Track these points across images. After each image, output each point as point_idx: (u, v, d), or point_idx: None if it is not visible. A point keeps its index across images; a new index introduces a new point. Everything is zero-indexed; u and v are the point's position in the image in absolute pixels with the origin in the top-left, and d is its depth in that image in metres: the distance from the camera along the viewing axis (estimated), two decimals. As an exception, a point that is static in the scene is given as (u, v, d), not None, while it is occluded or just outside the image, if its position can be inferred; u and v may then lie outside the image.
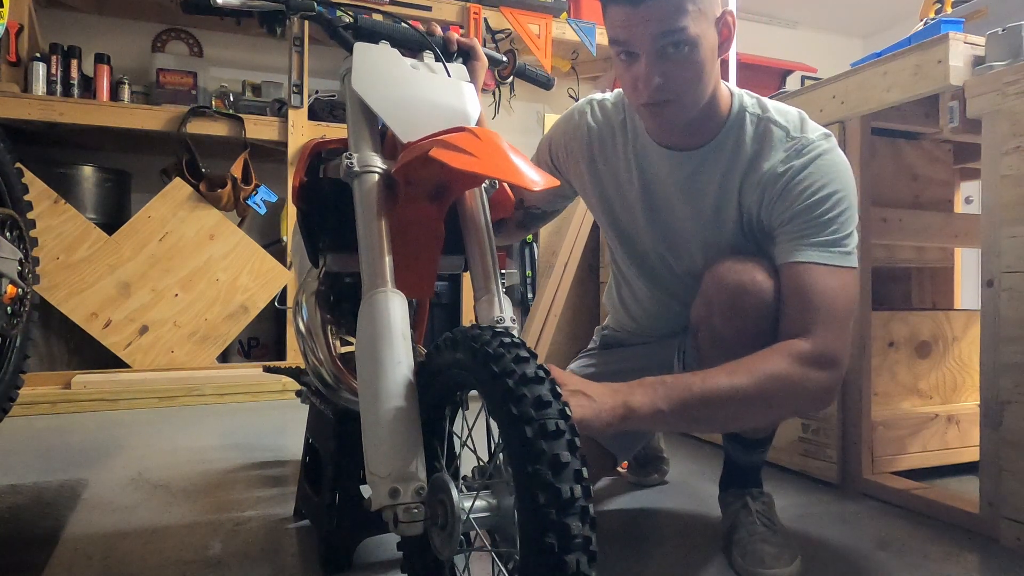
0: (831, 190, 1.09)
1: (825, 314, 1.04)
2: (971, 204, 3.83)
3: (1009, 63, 1.36)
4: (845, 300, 1.07)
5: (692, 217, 1.21)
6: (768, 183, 1.13)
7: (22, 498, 1.57)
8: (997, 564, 1.24)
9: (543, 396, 0.69)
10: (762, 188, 1.13)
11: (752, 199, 1.15)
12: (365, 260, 0.90)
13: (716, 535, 1.34)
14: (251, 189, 3.12)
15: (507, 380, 0.70)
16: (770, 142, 1.14)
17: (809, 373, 1.01)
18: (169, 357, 2.93)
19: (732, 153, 1.16)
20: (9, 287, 1.84)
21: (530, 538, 0.65)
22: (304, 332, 1.10)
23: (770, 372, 0.99)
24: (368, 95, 0.97)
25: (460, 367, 0.79)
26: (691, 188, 1.19)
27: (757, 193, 1.14)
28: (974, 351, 1.88)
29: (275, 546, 1.30)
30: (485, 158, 0.82)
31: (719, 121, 1.16)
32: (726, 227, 1.19)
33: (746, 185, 1.15)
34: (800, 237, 1.09)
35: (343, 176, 0.94)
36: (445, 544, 0.78)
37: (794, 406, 1.08)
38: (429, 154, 0.84)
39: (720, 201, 1.18)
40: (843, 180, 1.11)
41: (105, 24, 3.52)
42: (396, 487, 0.76)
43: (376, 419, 0.80)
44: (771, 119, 1.15)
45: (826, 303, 1.05)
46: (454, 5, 3.49)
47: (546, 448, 0.66)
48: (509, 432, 0.68)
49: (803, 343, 1.02)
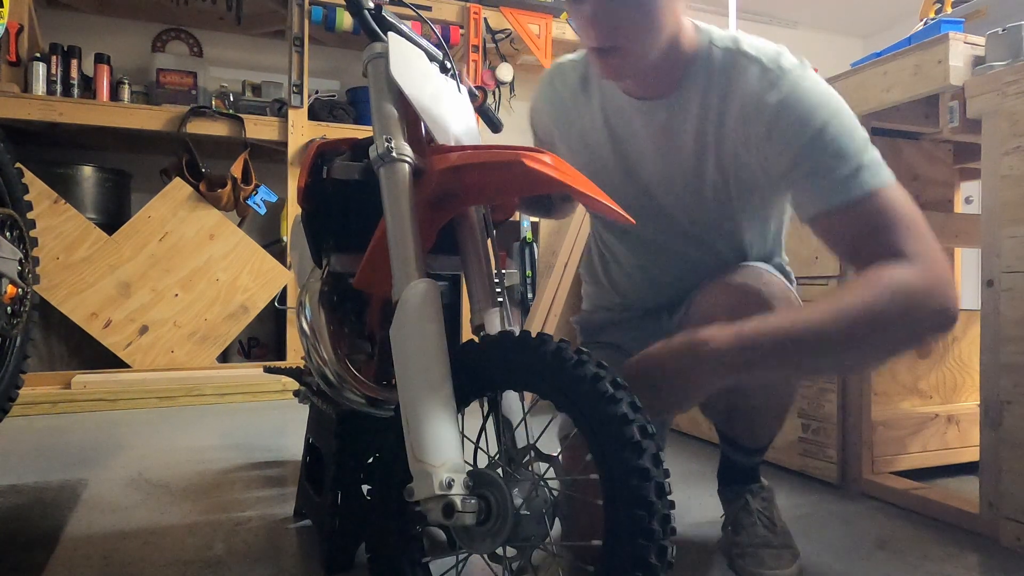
0: (825, 115, 0.97)
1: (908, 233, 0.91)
2: (971, 204, 3.84)
3: (1009, 63, 1.36)
4: (914, 214, 0.93)
5: (669, 171, 1.12)
6: (750, 122, 1.02)
7: (22, 498, 1.57)
8: (997, 564, 1.24)
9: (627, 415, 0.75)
10: (744, 128, 1.03)
11: (735, 142, 1.05)
12: (396, 250, 0.87)
13: (715, 532, 1.34)
14: (251, 189, 3.12)
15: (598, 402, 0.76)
16: (744, 77, 1.02)
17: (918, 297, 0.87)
18: (169, 357, 2.93)
19: (704, 95, 1.05)
20: (9, 287, 1.84)
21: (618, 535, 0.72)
22: (307, 332, 1.10)
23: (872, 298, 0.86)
24: (407, 86, 0.94)
25: (520, 371, 0.82)
26: (666, 139, 1.10)
27: (740, 134, 1.04)
28: (974, 351, 1.89)
29: (275, 546, 1.30)
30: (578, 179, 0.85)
31: (686, 61, 1.05)
32: (705, 179, 1.10)
33: (725, 129, 1.05)
34: (816, 178, 0.96)
35: (372, 160, 0.91)
36: (485, 538, 0.78)
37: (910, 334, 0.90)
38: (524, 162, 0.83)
39: (699, 150, 1.08)
40: (833, 102, 0.99)
41: (105, 24, 3.53)
42: (451, 476, 0.76)
43: (423, 408, 0.79)
44: (743, 52, 1.03)
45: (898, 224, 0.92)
46: (454, 5, 3.49)
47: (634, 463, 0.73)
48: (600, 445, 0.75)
49: (904, 268, 0.88)
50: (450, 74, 1.09)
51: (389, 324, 0.84)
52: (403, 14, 1.17)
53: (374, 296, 1.14)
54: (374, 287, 1.02)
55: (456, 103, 1.04)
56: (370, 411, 1.08)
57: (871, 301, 0.86)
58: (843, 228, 0.96)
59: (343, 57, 3.94)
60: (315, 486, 1.32)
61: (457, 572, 0.91)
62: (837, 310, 0.87)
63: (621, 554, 0.71)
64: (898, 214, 0.92)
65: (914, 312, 0.87)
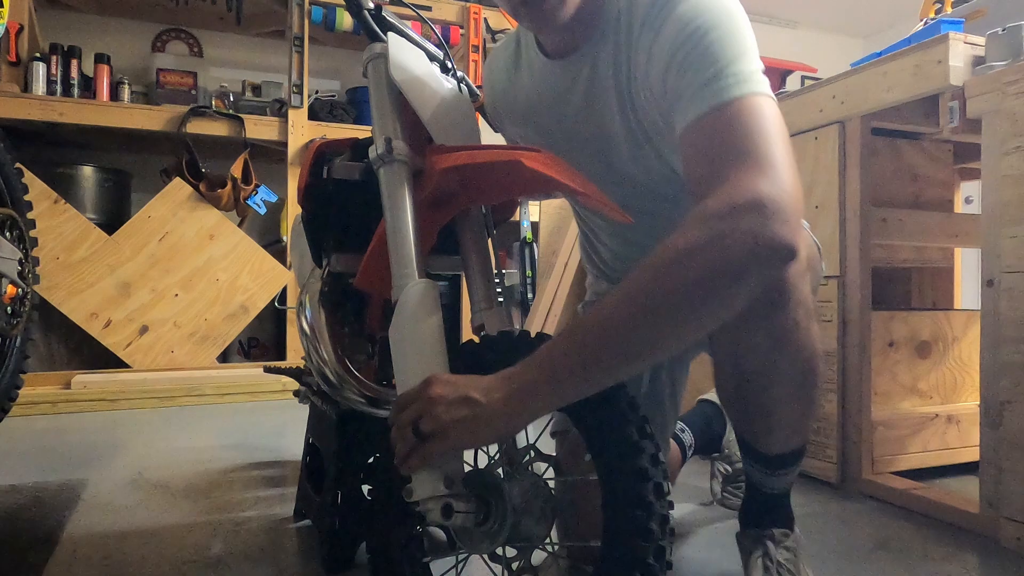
0: (695, 25, 0.84)
1: (731, 157, 0.76)
2: (971, 204, 3.84)
3: (1009, 63, 1.36)
4: (758, 129, 0.78)
5: (606, 125, 1.02)
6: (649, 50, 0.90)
7: (22, 498, 1.57)
8: (997, 564, 1.24)
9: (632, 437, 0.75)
10: (645, 60, 0.91)
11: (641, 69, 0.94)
12: (396, 250, 0.87)
13: (716, 536, 1.34)
14: (251, 189, 3.12)
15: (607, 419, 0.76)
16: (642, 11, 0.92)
17: (725, 225, 0.70)
18: (169, 357, 2.93)
19: (615, 29, 0.96)
20: (9, 287, 1.84)
21: (617, 535, 0.73)
22: (308, 332, 1.10)
23: (677, 249, 0.71)
24: (407, 86, 0.94)
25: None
26: (593, 96, 1.01)
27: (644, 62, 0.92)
28: (974, 351, 1.89)
29: (275, 546, 1.30)
30: (575, 178, 0.84)
31: (598, 5, 0.97)
32: (638, 128, 0.99)
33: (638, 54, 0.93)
34: (679, 96, 0.84)
35: (372, 160, 0.91)
36: (484, 538, 0.78)
37: (731, 279, 0.71)
38: (523, 162, 0.83)
39: (619, 87, 0.98)
40: (712, 10, 0.86)
41: (105, 24, 3.53)
42: (450, 476, 0.75)
43: None
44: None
45: (728, 144, 0.77)
46: (454, 5, 3.49)
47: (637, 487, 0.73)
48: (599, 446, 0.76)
49: (708, 200, 0.73)
50: (450, 74, 1.09)
51: (389, 324, 0.84)
52: (403, 14, 1.17)
53: (374, 296, 1.14)
54: (374, 287, 1.02)
55: (456, 103, 1.04)
56: (370, 411, 1.08)
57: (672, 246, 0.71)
58: (688, 152, 0.82)
59: (343, 57, 3.94)
60: (315, 486, 1.32)
61: (457, 572, 0.91)
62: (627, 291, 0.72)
63: (619, 555, 0.72)
64: (740, 137, 0.77)
65: (718, 241, 0.70)
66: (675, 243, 0.71)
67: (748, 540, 1.11)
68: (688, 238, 0.71)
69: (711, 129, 0.80)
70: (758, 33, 0.91)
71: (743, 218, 0.70)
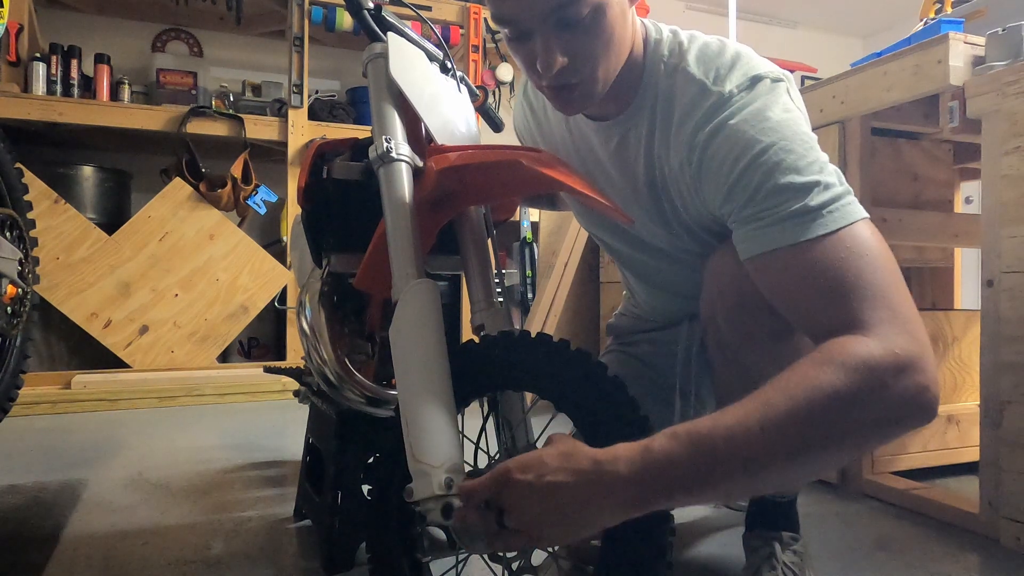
0: (759, 147, 0.80)
1: (868, 293, 0.72)
2: (971, 204, 3.84)
3: (1009, 63, 1.36)
4: (881, 265, 0.74)
5: (630, 192, 1.02)
6: (686, 156, 0.89)
7: (22, 498, 1.57)
8: (997, 564, 1.24)
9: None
10: (681, 165, 0.91)
11: (676, 181, 0.94)
12: (396, 250, 0.87)
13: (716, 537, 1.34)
14: (251, 189, 3.12)
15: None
16: (685, 98, 0.89)
17: (884, 378, 0.66)
18: (169, 357, 2.93)
19: (651, 116, 0.94)
20: (9, 287, 1.84)
21: (617, 536, 0.72)
22: (308, 332, 1.10)
23: (833, 390, 0.66)
24: (407, 86, 0.94)
25: (520, 371, 0.82)
26: (621, 162, 1.01)
27: (679, 172, 0.92)
28: (974, 351, 1.88)
29: (275, 546, 1.30)
30: (575, 178, 0.84)
31: (635, 77, 0.95)
32: (662, 204, 0.99)
33: (667, 165, 0.94)
34: (753, 220, 0.80)
35: (371, 160, 0.91)
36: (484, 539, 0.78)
37: (877, 430, 0.68)
38: (523, 163, 0.82)
39: (648, 176, 0.97)
40: (773, 128, 0.81)
41: (105, 24, 3.53)
42: (450, 477, 0.75)
43: (422, 409, 0.78)
44: (686, 69, 0.90)
45: (856, 281, 0.72)
46: (454, 5, 3.49)
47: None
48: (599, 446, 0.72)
49: (863, 341, 0.69)
50: (450, 74, 1.09)
51: (389, 324, 0.84)
52: (403, 14, 1.17)
53: (374, 296, 1.14)
54: (374, 287, 1.02)
55: (456, 103, 1.04)
56: (370, 411, 1.08)
57: (825, 388, 0.66)
58: (785, 279, 0.78)
59: (343, 57, 3.94)
60: (315, 486, 1.32)
61: (457, 572, 0.92)
62: (786, 400, 0.66)
63: (620, 555, 0.71)
64: (860, 266, 0.74)
65: (880, 398, 0.67)
66: (825, 381, 0.66)
67: (755, 540, 1.11)
68: (843, 382, 0.66)
69: (817, 260, 0.75)
70: (758, 33, 0.91)
71: (905, 377, 0.67)
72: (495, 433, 0.89)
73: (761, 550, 1.08)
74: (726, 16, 3.29)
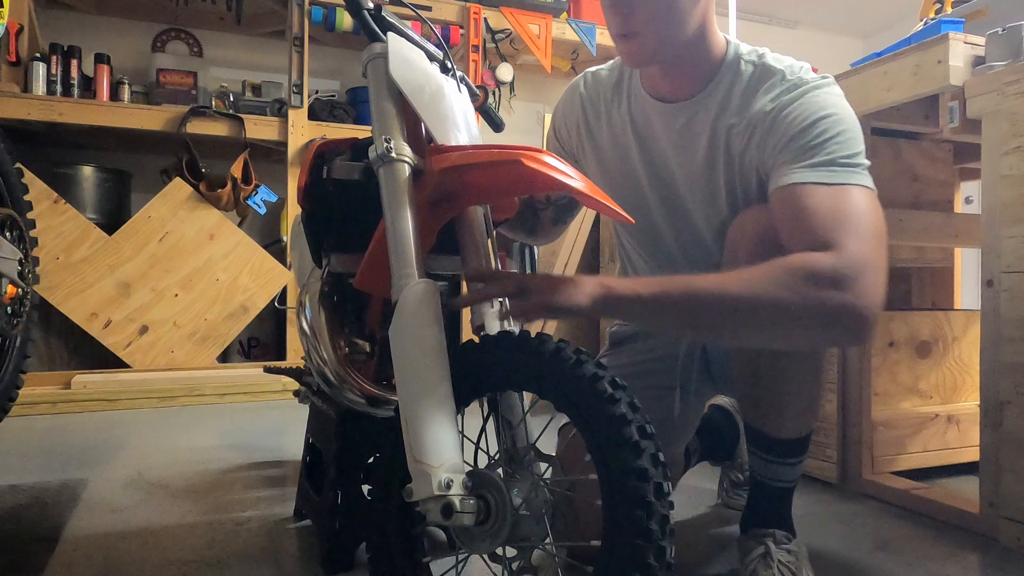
0: (824, 114, 1.00)
1: (846, 227, 0.91)
2: (971, 204, 3.84)
3: (1009, 63, 1.36)
4: (868, 217, 0.93)
5: (686, 174, 1.14)
6: (757, 122, 1.05)
7: (22, 498, 1.57)
8: (997, 564, 1.24)
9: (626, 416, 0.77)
10: (751, 129, 1.06)
11: (741, 142, 1.08)
12: (395, 250, 0.87)
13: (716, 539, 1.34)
14: (251, 189, 3.12)
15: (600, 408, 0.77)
16: (765, 85, 1.07)
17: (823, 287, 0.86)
18: (169, 357, 2.93)
19: (723, 100, 1.09)
20: (9, 287, 1.84)
21: (617, 535, 0.73)
22: (308, 332, 1.10)
23: (773, 277, 0.86)
24: (406, 86, 0.94)
25: (520, 371, 0.83)
26: (683, 142, 1.13)
27: (746, 135, 1.07)
28: (974, 351, 1.88)
29: (275, 546, 1.30)
30: (575, 178, 0.85)
31: (711, 68, 1.10)
32: (718, 183, 1.12)
33: (735, 131, 1.08)
34: (792, 161, 0.99)
35: (371, 160, 0.91)
36: (484, 538, 0.78)
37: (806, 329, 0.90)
38: (523, 162, 0.82)
39: (710, 153, 1.11)
40: (839, 107, 1.02)
41: (105, 24, 3.53)
42: (449, 477, 0.76)
43: (422, 409, 0.79)
44: (767, 64, 1.08)
45: (843, 217, 0.92)
46: (454, 5, 3.49)
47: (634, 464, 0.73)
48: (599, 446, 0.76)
49: (822, 254, 0.88)
50: (450, 74, 1.09)
51: (389, 324, 0.84)
52: (403, 14, 1.17)
53: (374, 296, 1.14)
54: (374, 287, 1.02)
55: (456, 103, 1.04)
56: (370, 411, 1.08)
57: (778, 279, 0.86)
58: (798, 207, 0.95)
59: (343, 57, 3.94)
60: (315, 486, 1.32)
61: (457, 572, 0.91)
62: (744, 280, 0.87)
63: (620, 555, 0.71)
64: (853, 217, 0.92)
65: (820, 302, 0.86)
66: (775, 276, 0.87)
67: (749, 540, 1.13)
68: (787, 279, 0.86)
69: (828, 201, 0.94)
70: (758, 33, 0.94)
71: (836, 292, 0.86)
72: (495, 433, 0.89)
73: (756, 549, 1.11)
74: (726, 16, 3.29)
